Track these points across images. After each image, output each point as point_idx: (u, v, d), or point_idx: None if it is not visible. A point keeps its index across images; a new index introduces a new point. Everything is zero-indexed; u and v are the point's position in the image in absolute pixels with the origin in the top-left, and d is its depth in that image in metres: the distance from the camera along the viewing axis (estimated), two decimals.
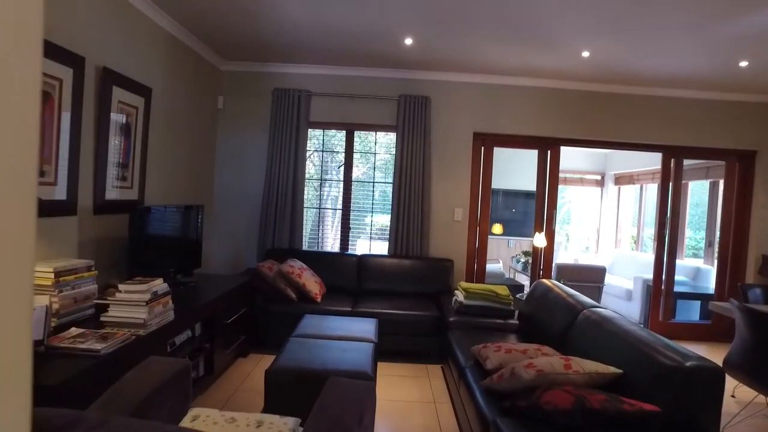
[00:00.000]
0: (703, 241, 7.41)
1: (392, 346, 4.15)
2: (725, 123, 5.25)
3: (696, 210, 8.07)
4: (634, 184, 8.50)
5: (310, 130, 5.22)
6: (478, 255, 5.28)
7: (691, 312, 6.08)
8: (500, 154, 9.38)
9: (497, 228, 8.54)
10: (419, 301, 4.47)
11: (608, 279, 7.20)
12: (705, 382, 1.91)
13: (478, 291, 3.79)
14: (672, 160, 5.37)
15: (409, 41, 4.14)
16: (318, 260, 4.82)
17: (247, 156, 5.17)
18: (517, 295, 4.30)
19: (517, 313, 3.84)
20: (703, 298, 5.92)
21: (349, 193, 5.28)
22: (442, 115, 5.12)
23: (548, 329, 3.20)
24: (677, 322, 5.55)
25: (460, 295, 3.89)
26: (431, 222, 5.12)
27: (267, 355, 4.07)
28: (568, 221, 10.17)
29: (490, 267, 7.92)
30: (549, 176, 5.30)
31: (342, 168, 5.31)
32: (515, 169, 9.30)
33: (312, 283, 4.27)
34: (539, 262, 5.35)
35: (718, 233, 5.72)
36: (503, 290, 3.84)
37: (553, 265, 5.89)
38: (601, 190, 9.47)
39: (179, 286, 3.46)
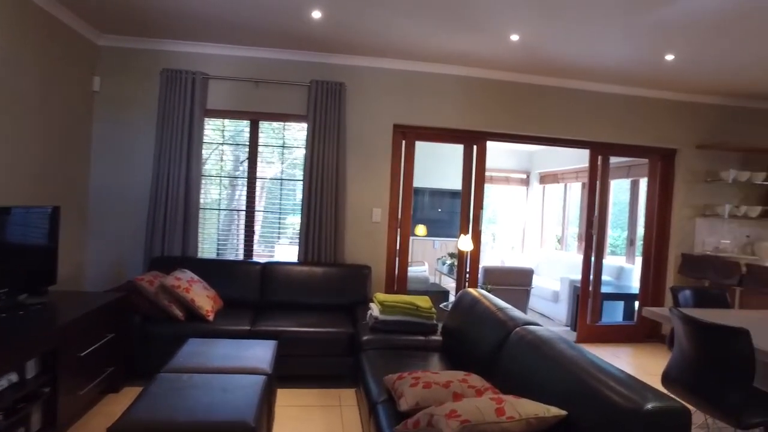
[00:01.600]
0: (624, 239, 7.44)
1: (298, 370, 3.57)
2: (649, 121, 5.12)
3: (614, 209, 8.13)
4: (558, 183, 8.43)
5: (209, 119, 4.51)
6: (399, 260, 4.80)
7: (615, 312, 5.97)
8: (426, 150, 9.04)
9: (420, 229, 8.16)
10: (332, 315, 3.91)
11: (535, 280, 7.00)
12: (669, 429, 1.50)
13: (396, 304, 3.29)
14: (599, 157, 5.18)
15: (317, 14, 3.57)
16: (215, 270, 4.13)
17: (130, 148, 4.37)
18: (442, 305, 3.86)
19: (440, 327, 3.39)
20: (627, 298, 5.82)
21: (253, 192, 4.62)
22: (358, 105, 4.59)
23: (475, 349, 2.74)
24: (604, 324, 5.38)
25: (375, 309, 3.38)
26: (347, 224, 4.58)
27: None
28: (494, 221, 10.02)
29: (415, 271, 7.50)
30: (475, 173, 4.92)
31: (245, 163, 4.64)
32: (442, 167, 8.99)
33: (203, 298, 3.59)
34: (465, 265, 4.96)
35: (639, 232, 5.62)
36: (424, 302, 3.36)
37: (480, 268, 5.55)
38: (527, 189, 9.37)
39: (17, 311, 2.69)
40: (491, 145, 4.97)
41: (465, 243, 4.33)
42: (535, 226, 9.11)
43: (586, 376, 1.80)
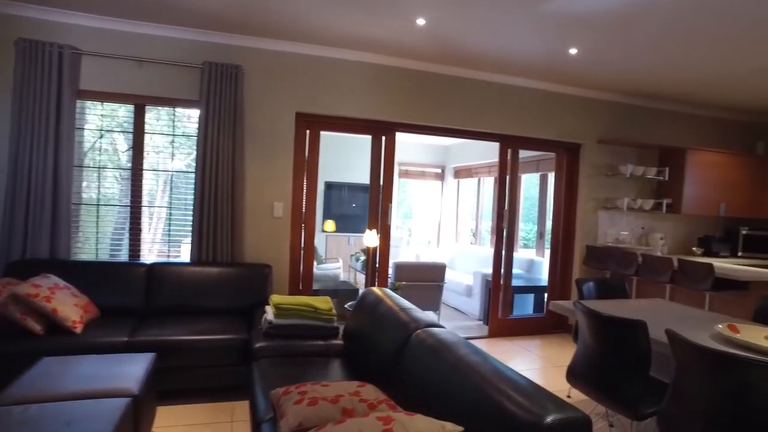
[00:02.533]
0: (534, 232, 7.63)
1: (186, 383, 3.18)
2: (556, 115, 5.18)
3: (526, 203, 8.34)
4: (472, 177, 8.49)
5: (87, 102, 3.95)
6: (304, 257, 4.50)
7: (526, 305, 6.05)
8: (341, 142, 8.79)
9: (329, 225, 7.89)
10: (227, 320, 3.54)
11: (449, 275, 6.97)
12: None
13: (292, 306, 2.99)
14: (509, 150, 5.17)
15: None
16: (91, 274, 3.61)
17: None
18: (347, 305, 3.62)
19: (342, 330, 3.14)
20: (537, 290, 5.91)
21: (140, 185, 4.12)
22: (258, 90, 4.22)
23: (375, 354, 2.52)
24: (515, 318, 5.40)
25: (269, 313, 3.06)
26: (245, 220, 4.21)
27: None
28: (410, 216, 9.96)
29: (327, 268, 7.23)
30: (384, 165, 4.72)
31: (130, 153, 4.12)
32: (357, 160, 8.76)
33: (69, 308, 3.09)
34: (374, 261, 4.75)
35: (548, 225, 5.72)
36: (324, 303, 3.10)
37: (391, 264, 5.38)
38: (442, 183, 9.38)
39: None
40: (407, 139, 4.81)
41: (371, 238, 4.11)
42: (451, 220, 9.15)
43: (487, 385, 1.62)
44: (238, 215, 4.09)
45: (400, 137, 8.65)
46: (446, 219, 9.25)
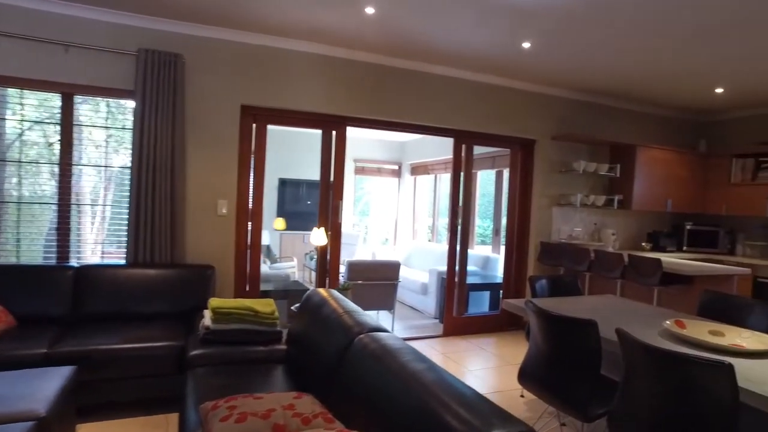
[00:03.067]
0: (491, 229, 7.62)
1: (116, 396, 2.93)
2: (510, 111, 5.14)
3: (483, 200, 8.35)
4: (429, 174, 8.42)
5: (11, 90, 3.61)
6: (251, 257, 4.28)
7: (482, 302, 6.01)
8: (295, 138, 8.55)
9: (279, 223, 7.66)
10: (165, 326, 3.30)
11: (405, 273, 6.87)
12: None
13: (231, 310, 2.79)
14: (463, 146, 5.09)
15: None
16: (7, 279, 3.29)
17: None
18: (293, 307, 3.44)
19: (286, 334, 2.96)
20: (493, 287, 5.88)
21: (68, 180, 3.80)
22: (200, 81, 3.97)
23: (317, 360, 2.36)
24: (470, 316, 5.34)
25: (207, 318, 2.85)
26: (187, 218, 3.96)
27: None
28: (367, 213, 9.83)
29: (280, 267, 7.00)
30: (335, 161, 4.55)
31: (57, 146, 3.80)
32: (312, 157, 8.54)
33: None
34: (325, 261, 4.58)
35: (504, 222, 5.69)
36: (266, 306, 2.91)
37: (344, 263, 5.22)
38: (398, 180, 9.28)
39: None
40: (362, 135, 4.65)
41: (318, 237, 3.94)
42: (408, 217, 9.06)
43: (429, 396, 1.49)
44: (178, 213, 3.84)
45: (356, 133, 8.53)
46: (403, 216, 9.16)
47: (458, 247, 5.13)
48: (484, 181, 8.33)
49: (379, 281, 5.33)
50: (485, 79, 4.96)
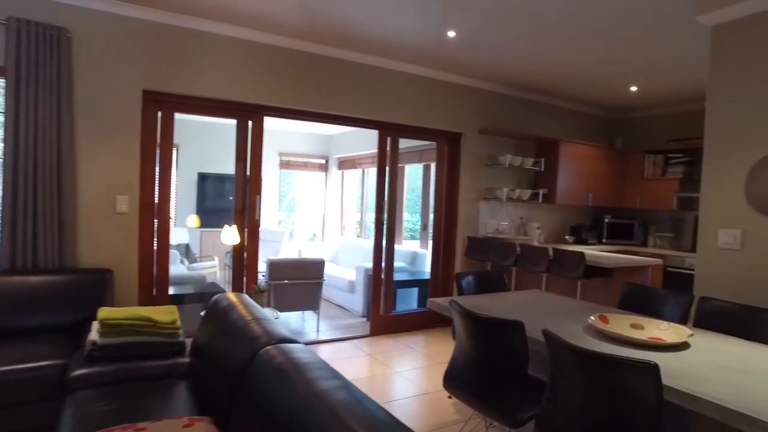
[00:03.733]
0: (419, 224, 7.55)
1: None
2: (437, 103, 5.03)
3: (412, 195, 8.26)
4: (356, 168, 8.22)
5: None
6: (158, 259, 3.88)
7: (410, 299, 5.89)
8: (214, 130, 8.05)
9: (194, 220, 7.19)
10: (50, 342, 2.86)
11: (333, 270, 6.64)
12: None
13: (123, 322, 2.44)
14: (388, 138, 4.92)
15: None
16: None
17: None
18: (203, 313, 3.11)
19: (190, 345, 2.65)
20: (421, 284, 5.77)
21: None
22: (92, 60, 3.51)
23: (222, 374, 2.08)
24: (398, 314, 5.20)
25: (94, 331, 2.48)
26: (79, 217, 3.50)
27: None
28: (293, 209, 9.48)
29: (200, 267, 6.56)
30: (251, 153, 4.23)
31: None
32: (233, 150, 8.08)
33: None
34: (242, 261, 4.26)
35: (432, 216, 5.60)
36: (166, 314, 2.58)
37: (265, 262, 4.92)
38: (326, 174, 9.01)
39: None
40: (287, 128, 4.36)
41: (230, 236, 3.62)
42: (336, 213, 8.82)
43: (333, 419, 1.28)
44: (67, 211, 3.37)
45: (281, 125, 8.16)
46: (331, 212, 8.90)
47: (384, 243, 4.97)
48: (413, 175, 8.25)
49: (302, 280, 5.07)
50: (411, 69, 4.82)
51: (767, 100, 2.95)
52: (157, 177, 3.83)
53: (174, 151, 7.75)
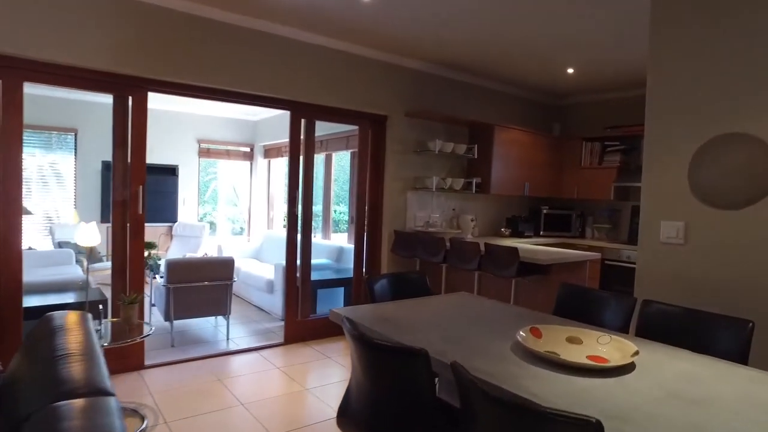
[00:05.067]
0: (348, 216, 7.02)
1: None
2: (357, 81, 4.48)
3: (340, 184, 7.71)
4: (283, 156, 7.55)
5: None
6: (9, 262, 3.13)
7: (336, 300, 5.36)
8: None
9: (75, 216, 6.37)
10: None
11: (253, 267, 6.01)
12: None
13: None
14: (303, 120, 4.34)
15: None
16: None
17: None
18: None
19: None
20: (348, 283, 5.23)
21: None
22: None
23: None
24: (317, 318, 4.64)
25: None
26: None
27: None
28: (216, 201, 8.71)
29: (104, 267, 5.72)
30: (132, 135, 3.54)
31: None
32: (153, 136, 7.22)
33: None
34: (125, 263, 3.57)
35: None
36: None
37: (163, 262, 4.24)
38: (251, 164, 8.30)
39: None
40: (207, 112, 3.71)
41: (87, 235, 2.94)
42: (263, 205, 8.14)
43: None
44: None
45: (198, 109, 7.36)
46: (258, 203, 8.21)
47: (299, 239, 4.40)
48: (341, 163, 7.70)
49: (208, 282, 4.43)
50: (327, 42, 4.24)
51: (712, 80, 2.60)
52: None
53: (72, 137, 6.84)
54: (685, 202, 2.74)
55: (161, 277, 4.59)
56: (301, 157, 4.37)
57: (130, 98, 3.49)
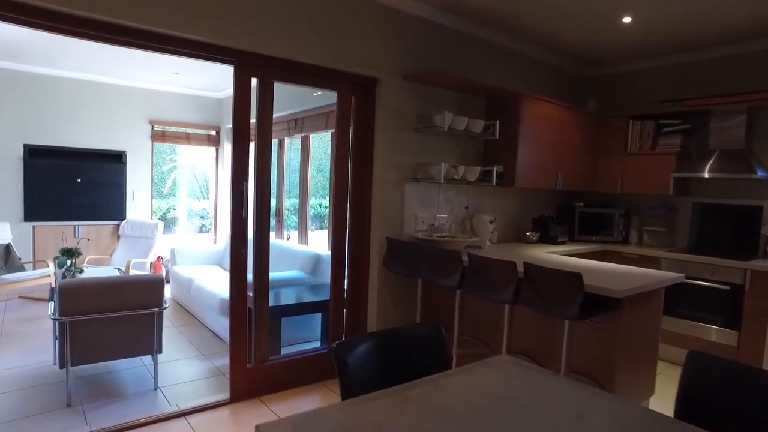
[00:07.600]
0: (328, 212, 5.73)
1: None
2: (338, 30, 3.15)
3: (317, 173, 6.41)
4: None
5: None
6: None
7: (309, 329, 4.07)
8: (38, 84, 5.79)
9: None
10: None
11: (208, 280, 4.72)
12: None
13: None
14: (254, 80, 3.01)
15: None
16: None
17: None
18: None
19: None
20: (324, 307, 3.88)
21: None
22: None
23: None
24: (282, 359, 3.34)
25: None
26: None
27: None
28: (175, 194, 7.37)
29: (26, 277, 4.47)
30: None
31: None
32: (84, 113, 5.87)
33: None
34: None
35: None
36: None
37: (55, 288, 2.92)
38: (217, 150, 6.96)
39: None
40: (159, 87, 2.42)
41: None
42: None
43: None
44: None
45: (148, 83, 5.95)
46: (226, 198, 6.87)
47: (251, 250, 3.09)
48: (321, 147, 6.38)
49: (126, 312, 3.13)
50: None
51: None
52: None
53: None
54: None
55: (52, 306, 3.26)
56: (253, 135, 3.06)
57: None
